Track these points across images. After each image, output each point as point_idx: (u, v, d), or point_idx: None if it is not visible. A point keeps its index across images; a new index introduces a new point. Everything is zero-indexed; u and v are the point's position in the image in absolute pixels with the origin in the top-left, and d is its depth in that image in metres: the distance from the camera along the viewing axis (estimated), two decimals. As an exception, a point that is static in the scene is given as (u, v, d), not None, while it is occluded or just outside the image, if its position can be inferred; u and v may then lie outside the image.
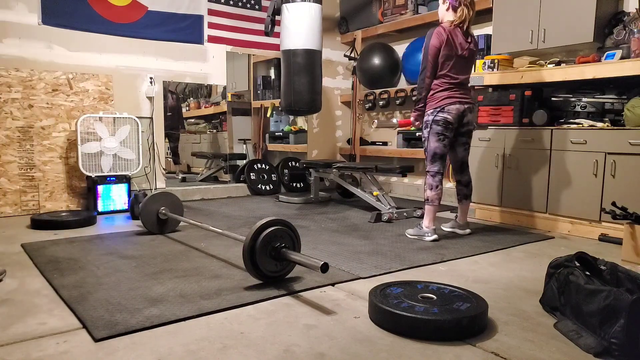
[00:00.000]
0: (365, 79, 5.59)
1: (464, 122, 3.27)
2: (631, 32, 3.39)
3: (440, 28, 3.19)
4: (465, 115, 3.24)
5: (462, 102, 3.21)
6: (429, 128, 3.22)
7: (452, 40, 3.16)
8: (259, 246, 2.20)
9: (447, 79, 3.18)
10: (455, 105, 3.18)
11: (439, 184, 3.23)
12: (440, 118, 3.18)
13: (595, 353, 1.60)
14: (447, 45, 3.14)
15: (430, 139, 3.22)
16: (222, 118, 6.22)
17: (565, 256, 2.05)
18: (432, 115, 3.20)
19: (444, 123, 3.18)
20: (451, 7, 3.20)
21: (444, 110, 3.17)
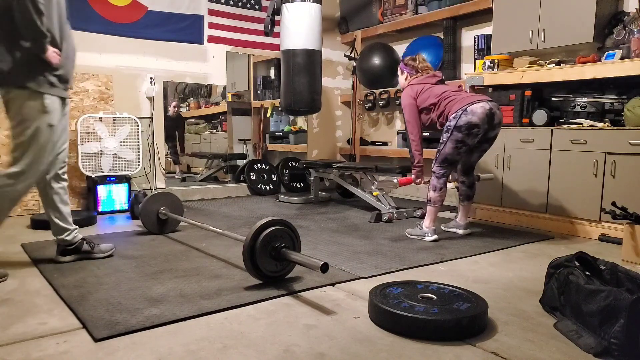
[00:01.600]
0: (365, 79, 5.59)
1: (495, 123, 3.09)
2: (631, 32, 3.39)
3: (406, 89, 3.34)
4: (494, 113, 3.06)
5: (483, 100, 3.07)
6: (449, 134, 3.07)
7: (419, 82, 3.30)
8: (259, 246, 2.20)
9: (448, 92, 3.20)
10: (479, 104, 3.02)
11: (443, 186, 3.21)
12: (464, 122, 3.00)
13: (595, 353, 1.60)
14: (419, 89, 3.25)
15: (447, 144, 3.10)
16: (222, 118, 6.22)
17: (565, 256, 2.05)
18: (454, 120, 3.04)
19: (468, 128, 3.01)
20: (409, 75, 3.41)
21: (467, 112, 3.00)
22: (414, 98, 3.25)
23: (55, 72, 2.33)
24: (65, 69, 2.39)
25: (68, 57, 2.41)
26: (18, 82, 2.26)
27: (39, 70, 2.28)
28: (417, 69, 3.38)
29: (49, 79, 2.31)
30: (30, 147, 2.31)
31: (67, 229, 2.63)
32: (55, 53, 2.31)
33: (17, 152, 2.32)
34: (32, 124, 2.29)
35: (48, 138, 2.35)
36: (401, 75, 3.48)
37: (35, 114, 2.29)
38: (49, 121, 2.34)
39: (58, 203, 2.59)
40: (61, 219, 2.61)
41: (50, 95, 2.33)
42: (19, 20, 2.19)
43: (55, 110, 2.37)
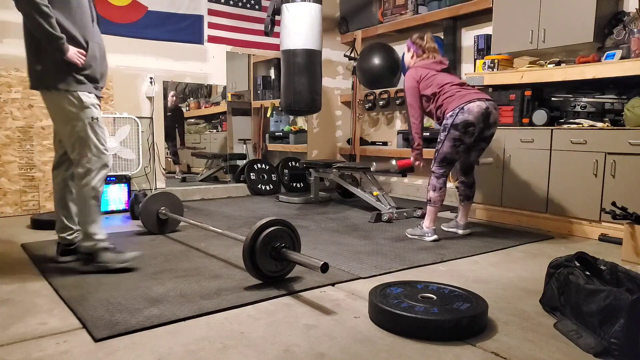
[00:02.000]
0: (365, 79, 5.59)
1: (491, 122, 3.10)
2: (631, 32, 3.39)
3: (410, 70, 3.33)
4: (490, 113, 3.06)
5: (481, 99, 3.07)
6: (447, 132, 3.08)
7: (424, 67, 3.27)
8: (259, 246, 2.20)
9: (449, 84, 3.18)
10: (475, 103, 3.03)
11: (443, 186, 3.22)
12: (460, 121, 3.02)
13: (595, 353, 1.60)
14: (423, 74, 3.23)
15: (445, 143, 3.11)
16: (222, 118, 6.22)
17: (565, 256, 2.05)
18: (451, 119, 3.05)
19: (464, 126, 3.03)
20: (415, 55, 3.37)
21: (464, 110, 3.02)
22: (417, 82, 3.24)
23: (82, 72, 2.37)
24: (92, 69, 2.42)
25: (95, 57, 2.43)
26: (50, 84, 2.33)
27: (67, 70, 2.32)
28: (423, 49, 3.33)
29: (78, 78, 2.36)
30: (84, 143, 2.38)
31: (71, 229, 2.63)
32: (80, 53, 2.34)
33: (74, 153, 2.41)
34: (77, 121, 2.36)
35: (96, 130, 2.42)
36: (407, 53, 3.43)
37: (76, 111, 2.36)
38: (92, 115, 2.40)
39: (69, 201, 2.61)
40: (68, 217, 2.62)
41: (84, 92, 2.37)
42: (30, 27, 2.26)
43: (94, 104, 2.43)
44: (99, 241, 2.46)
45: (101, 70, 2.50)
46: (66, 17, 2.31)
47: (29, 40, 2.35)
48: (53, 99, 2.37)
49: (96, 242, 2.46)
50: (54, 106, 2.39)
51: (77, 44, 2.35)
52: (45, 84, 2.35)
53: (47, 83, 2.34)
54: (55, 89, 2.33)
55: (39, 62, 2.33)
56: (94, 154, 2.42)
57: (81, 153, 2.40)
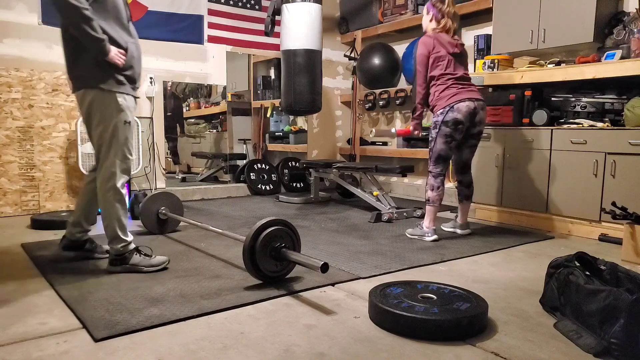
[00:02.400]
0: (365, 79, 5.59)
1: (476, 121, 3.17)
2: (631, 32, 3.39)
3: (424, 37, 3.26)
4: (477, 113, 3.14)
5: (471, 99, 3.12)
6: (438, 129, 3.15)
7: (439, 42, 3.20)
8: (259, 246, 2.20)
9: (447, 76, 3.17)
10: (465, 103, 3.10)
11: (441, 185, 3.23)
12: (450, 118, 3.10)
13: (595, 353, 1.60)
14: (436, 48, 3.18)
15: (437, 140, 3.16)
16: (222, 118, 6.22)
17: (565, 256, 2.05)
18: (441, 116, 3.12)
19: (454, 124, 3.10)
20: (434, 18, 3.26)
21: (454, 109, 3.09)
22: (429, 52, 3.19)
23: (123, 72, 2.39)
24: (132, 70, 2.44)
25: (133, 57, 2.46)
26: (91, 83, 2.35)
27: (108, 71, 2.34)
28: (443, 13, 3.23)
29: (118, 79, 2.37)
30: (111, 146, 2.40)
31: (84, 229, 2.66)
32: (120, 54, 2.36)
33: (101, 154, 2.42)
34: (110, 123, 2.37)
35: (126, 135, 2.43)
36: (426, 16, 3.31)
37: (112, 112, 2.37)
38: (125, 118, 2.41)
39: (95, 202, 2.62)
40: (87, 217, 2.65)
41: (121, 94, 2.39)
42: (72, 31, 2.27)
43: (129, 107, 2.45)
44: (127, 244, 2.47)
45: (138, 70, 2.53)
46: (104, 19, 2.32)
47: (68, 43, 2.36)
48: (91, 98, 2.37)
49: (125, 244, 2.46)
50: (90, 106, 2.38)
51: (116, 44, 2.36)
52: (85, 84, 2.36)
53: (87, 83, 2.36)
54: (95, 88, 2.34)
55: (78, 64, 2.35)
56: (119, 157, 2.42)
57: (107, 155, 2.41)
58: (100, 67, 2.33)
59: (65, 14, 2.26)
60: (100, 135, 2.40)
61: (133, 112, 2.50)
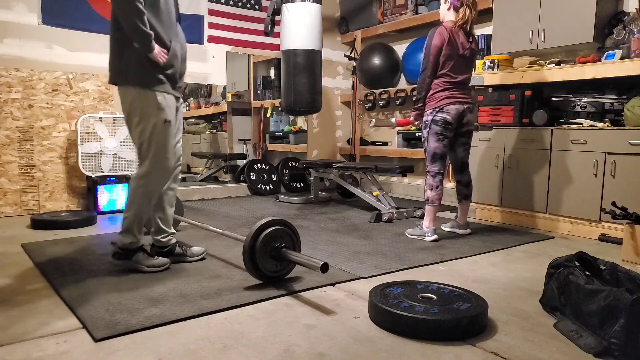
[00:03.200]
0: (365, 79, 5.59)
1: (464, 122, 3.25)
2: (631, 32, 3.39)
3: (442, 27, 3.17)
4: (464, 115, 3.22)
5: (461, 102, 3.19)
6: (428, 128, 3.20)
7: (453, 39, 3.14)
8: (259, 246, 2.20)
9: (446, 78, 3.17)
10: (455, 106, 3.17)
11: (440, 184, 3.23)
12: (439, 118, 3.16)
13: (595, 353, 1.60)
14: (449, 44, 3.13)
15: (429, 139, 3.21)
16: (222, 118, 6.22)
17: (565, 256, 2.05)
18: (431, 115, 3.19)
19: (443, 123, 3.16)
20: (452, 7, 3.17)
21: (443, 110, 3.16)
22: (442, 43, 3.12)
23: (164, 71, 2.36)
24: (173, 69, 2.41)
25: (176, 56, 2.43)
26: (130, 81, 2.33)
27: (149, 69, 2.32)
28: (462, 1, 3.15)
29: (158, 77, 2.35)
30: (151, 144, 2.38)
31: (166, 232, 2.62)
32: (163, 52, 2.34)
33: (141, 151, 2.42)
34: (149, 121, 2.35)
35: (166, 134, 2.40)
36: (444, 4, 3.24)
37: (151, 111, 2.34)
38: (165, 117, 2.37)
39: (165, 204, 2.61)
40: (164, 220, 2.61)
41: (161, 92, 2.36)
42: (122, 22, 2.25)
43: (169, 107, 2.41)
44: (136, 242, 2.45)
45: (181, 70, 2.50)
46: (154, 16, 2.30)
47: (115, 35, 2.35)
48: (131, 95, 2.35)
49: (134, 242, 2.44)
50: (131, 105, 2.37)
51: (162, 42, 2.35)
52: (125, 80, 2.35)
53: (127, 79, 2.34)
54: (134, 85, 2.33)
55: (121, 58, 2.34)
56: (157, 156, 2.40)
57: (147, 153, 2.39)
58: (142, 64, 2.30)
59: (118, 3, 2.23)
60: (140, 133, 2.38)
61: (174, 111, 2.45)
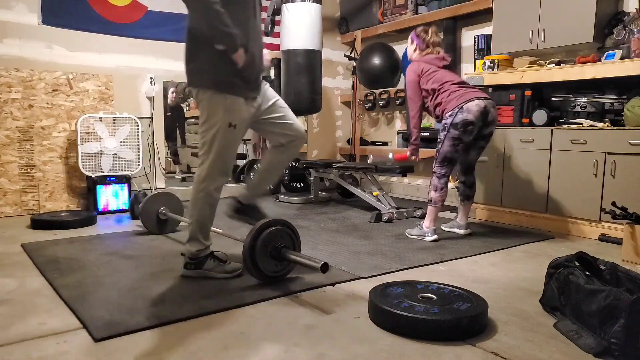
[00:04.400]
0: (365, 79, 5.59)
1: (489, 121, 3.12)
2: (631, 32, 3.39)
3: (411, 64, 3.35)
4: (488, 111, 3.09)
5: (480, 97, 3.09)
6: (447, 131, 3.10)
7: (426, 62, 3.29)
8: (259, 246, 2.20)
9: (449, 83, 3.19)
10: (474, 102, 3.05)
11: (444, 186, 3.22)
12: (460, 120, 3.04)
13: (595, 353, 1.60)
14: (424, 69, 3.25)
15: (444, 142, 3.13)
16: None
17: (565, 256, 2.05)
18: (450, 118, 3.07)
19: (464, 125, 3.04)
20: (418, 48, 3.38)
21: (463, 110, 3.04)
22: (418, 75, 3.26)
23: (240, 73, 2.27)
24: (250, 70, 2.32)
25: (254, 57, 2.34)
26: (203, 83, 2.27)
27: (222, 71, 2.24)
28: (427, 43, 3.33)
29: (232, 80, 2.26)
30: (212, 146, 2.30)
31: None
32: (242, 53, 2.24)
33: (202, 152, 2.34)
34: (214, 123, 2.28)
35: (229, 138, 2.32)
36: (410, 45, 3.43)
37: (217, 113, 2.27)
38: (230, 120, 2.29)
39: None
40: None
41: (230, 95, 2.28)
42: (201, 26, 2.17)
43: (237, 110, 2.31)
44: (205, 248, 2.39)
45: (258, 70, 2.41)
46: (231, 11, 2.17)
47: (189, 37, 2.27)
48: (202, 97, 2.30)
49: (203, 249, 2.38)
50: (202, 104, 2.31)
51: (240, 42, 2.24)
52: (198, 82, 2.29)
53: (200, 81, 2.28)
54: (207, 88, 2.26)
55: (196, 58, 2.27)
56: (217, 159, 2.32)
57: (208, 154, 2.32)
58: (216, 66, 2.23)
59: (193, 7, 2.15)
60: (204, 134, 2.32)
61: (244, 115, 2.36)
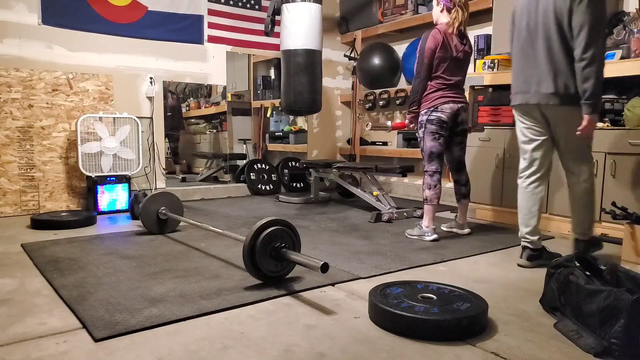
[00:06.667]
0: (365, 79, 5.59)
1: (459, 121, 3.29)
2: (631, 32, 3.39)
3: (435, 30, 3.22)
4: (459, 114, 3.26)
5: (455, 101, 3.23)
6: (424, 128, 3.24)
7: (447, 42, 3.19)
8: (259, 246, 2.20)
9: (440, 80, 3.21)
10: (449, 104, 3.21)
11: (437, 183, 3.24)
12: (434, 117, 3.20)
13: (596, 353, 1.60)
14: (443, 47, 3.18)
15: (425, 139, 3.24)
16: (222, 118, 6.22)
17: (565, 256, 2.05)
18: (425, 115, 3.23)
19: (438, 122, 3.20)
20: (445, 9, 3.25)
21: (438, 110, 3.20)
22: (435, 46, 3.18)
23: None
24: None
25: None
26: (575, 100, 2.50)
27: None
28: (454, 2, 3.23)
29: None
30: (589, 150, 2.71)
31: (540, 234, 2.73)
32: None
33: (579, 157, 2.69)
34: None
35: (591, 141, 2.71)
36: (436, 7, 3.31)
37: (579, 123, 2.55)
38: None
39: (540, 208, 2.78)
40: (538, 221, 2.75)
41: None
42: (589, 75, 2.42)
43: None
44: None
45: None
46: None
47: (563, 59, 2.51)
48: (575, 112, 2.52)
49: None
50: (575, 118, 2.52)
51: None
52: (574, 100, 2.51)
53: (574, 99, 2.50)
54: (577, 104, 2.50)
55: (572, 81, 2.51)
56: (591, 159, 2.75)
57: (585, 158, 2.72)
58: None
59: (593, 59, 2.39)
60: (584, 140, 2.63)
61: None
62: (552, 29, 2.51)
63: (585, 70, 2.41)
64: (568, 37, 2.48)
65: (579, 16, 2.40)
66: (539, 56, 2.58)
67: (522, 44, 2.66)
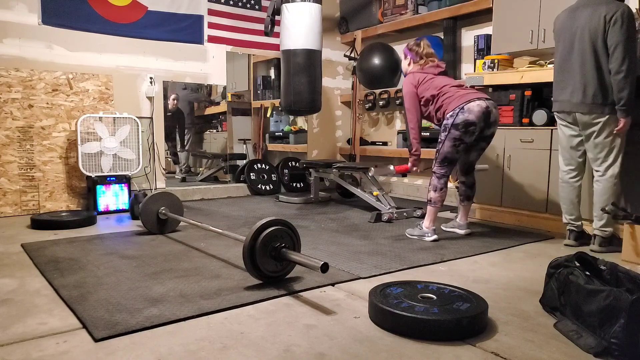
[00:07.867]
0: (365, 79, 5.59)
1: (491, 121, 3.12)
2: (631, 32, 3.41)
3: (409, 75, 3.36)
4: (490, 112, 3.08)
5: (480, 98, 3.09)
6: (447, 132, 3.10)
7: (422, 72, 3.30)
8: (259, 246, 2.20)
9: (448, 86, 3.20)
10: (476, 102, 3.05)
11: (444, 186, 3.22)
12: (461, 120, 3.04)
13: (595, 353, 1.61)
14: (421, 79, 3.27)
15: (445, 143, 3.13)
16: (222, 118, 6.21)
17: (565, 256, 2.05)
18: (451, 119, 3.07)
19: (464, 126, 3.04)
20: (412, 61, 3.41)
21: (464, 110, 3.04)
22: (414, 86, 3.27)
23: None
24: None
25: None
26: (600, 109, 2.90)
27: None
28: (420, 55, 3.36)
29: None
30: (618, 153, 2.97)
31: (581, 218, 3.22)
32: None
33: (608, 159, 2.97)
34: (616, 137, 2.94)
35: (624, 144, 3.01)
36: (404, 60, 3.47)
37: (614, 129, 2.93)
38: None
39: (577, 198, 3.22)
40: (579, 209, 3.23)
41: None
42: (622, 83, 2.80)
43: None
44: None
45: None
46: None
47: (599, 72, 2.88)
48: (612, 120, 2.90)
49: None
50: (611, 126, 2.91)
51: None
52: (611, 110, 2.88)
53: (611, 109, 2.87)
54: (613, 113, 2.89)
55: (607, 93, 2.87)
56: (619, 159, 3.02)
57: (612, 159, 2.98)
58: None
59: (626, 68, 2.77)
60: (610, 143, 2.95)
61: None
62: (586, 46, 2.88)
63: (621, 82, 2.79)
64: (599, 54, 2.85)
65: (614, 36, 2.78)
66: (574, 70, 2.96)
67: (561, 58, 3.04)
